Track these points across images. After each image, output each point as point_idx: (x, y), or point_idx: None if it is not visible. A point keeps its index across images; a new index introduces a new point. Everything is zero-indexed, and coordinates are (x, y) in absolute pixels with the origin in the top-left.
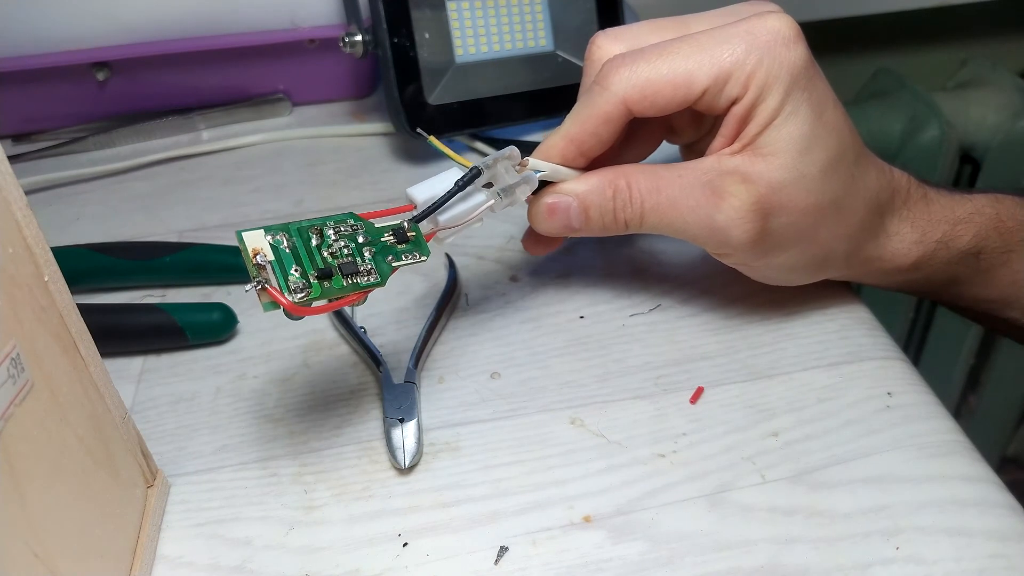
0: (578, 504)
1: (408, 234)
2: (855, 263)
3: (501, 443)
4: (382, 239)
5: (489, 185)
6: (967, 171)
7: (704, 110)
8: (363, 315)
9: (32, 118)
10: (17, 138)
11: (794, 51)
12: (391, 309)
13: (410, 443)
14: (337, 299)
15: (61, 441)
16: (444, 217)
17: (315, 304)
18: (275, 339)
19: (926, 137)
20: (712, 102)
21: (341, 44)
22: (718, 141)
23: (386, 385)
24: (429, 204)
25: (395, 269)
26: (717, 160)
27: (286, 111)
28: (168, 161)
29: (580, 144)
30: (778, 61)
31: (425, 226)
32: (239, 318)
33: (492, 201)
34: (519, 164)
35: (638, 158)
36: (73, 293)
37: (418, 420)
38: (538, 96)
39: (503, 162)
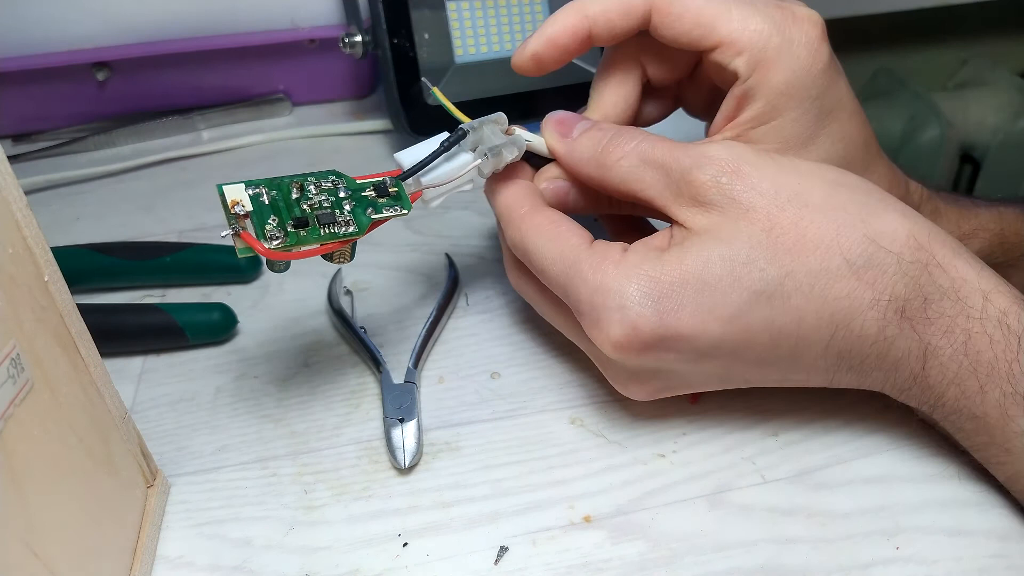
0: (578, 504)
1: (390, 190)
2: None
3: (501, 443)
4: (363, 194)
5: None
6: (967, 171)
7: (711, 71)
8: (363, 315)
9: (32, 118)
10: (17, 138)
11: (816, 56)
12: (391, 309)
13: (410, 443)
14: (314, 248)
15: (61, 441)
16: (427, 177)
17: (294, 250)
18: (275, 339)
19: (926, 137)
20: (718, 65)
21: (341, 44)
22: (719, 119)
23: (386, 385)
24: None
25: (376, 222)
26: None
27: (286, 111)
28: (168, 161)
29: (594, 23)
30: (795, 64)
31: (409, 187)
32: (239, 318)
33: (479, 161)
34: (505, 130)
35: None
36: (73, 293)
37: (418, 420)
38: (538, 96)
39: (490, 125)
